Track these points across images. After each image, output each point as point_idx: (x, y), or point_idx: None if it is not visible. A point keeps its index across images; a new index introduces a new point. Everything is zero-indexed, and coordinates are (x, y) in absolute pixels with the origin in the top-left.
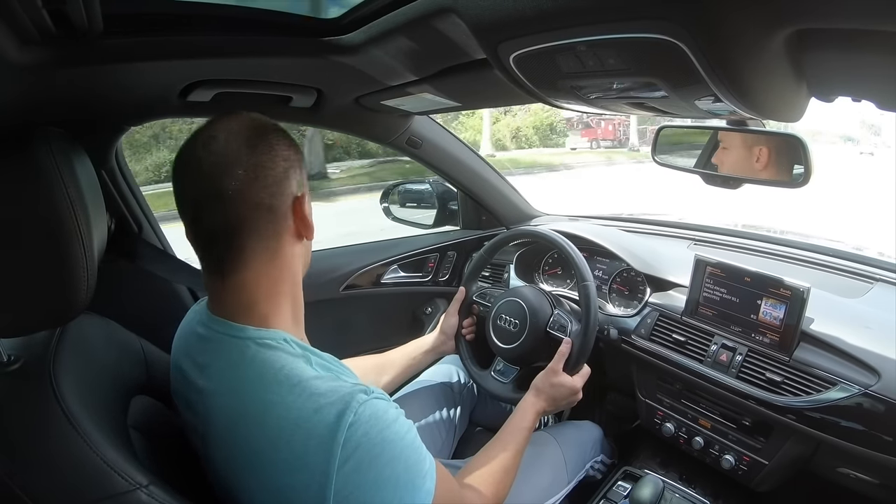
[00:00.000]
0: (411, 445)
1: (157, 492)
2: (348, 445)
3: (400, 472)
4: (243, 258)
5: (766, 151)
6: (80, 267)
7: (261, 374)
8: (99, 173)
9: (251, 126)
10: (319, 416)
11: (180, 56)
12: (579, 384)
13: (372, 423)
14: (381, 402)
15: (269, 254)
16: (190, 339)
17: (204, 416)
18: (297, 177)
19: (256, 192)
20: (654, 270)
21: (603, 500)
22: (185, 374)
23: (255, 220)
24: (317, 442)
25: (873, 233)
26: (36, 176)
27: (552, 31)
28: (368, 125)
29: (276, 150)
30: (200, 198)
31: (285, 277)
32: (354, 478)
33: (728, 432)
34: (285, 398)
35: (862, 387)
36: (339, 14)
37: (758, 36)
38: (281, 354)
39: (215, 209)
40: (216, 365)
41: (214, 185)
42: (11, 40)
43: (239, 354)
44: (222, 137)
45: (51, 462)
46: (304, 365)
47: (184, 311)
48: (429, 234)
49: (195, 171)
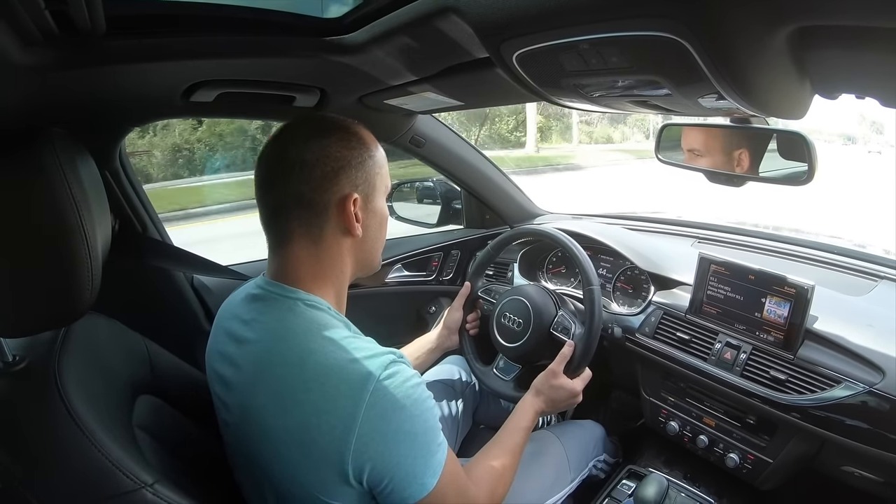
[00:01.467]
0: (431, 411)
1: (162, 490)
2: (377, 394)
3: (419, 430)
4: (288, 237)
5: (746, 154)
6: (84, 267)
7: (306, 327)
8: (102, 174)
9: (313, 126)
10: (354, 367)
11: (183, 57)
12: (579, 387)
13: (400, 379)
14: (410, 369)
15: (311, 240)
16: (238, 301)
17: (245, 364)
18: (352, 177)
19: (296, 186)
20: (658, 269)
21: (607, 498)
22: (229, 330)
23: (295, 209)
24: (348, 387)
25: (882, 231)
26: (39, 177)
27: (555, 29)
28: (371, 124)
29: (329, 150)
30: (261, 181)
31: (330, 266)
32: (378, 424)
33: (732, 430)
34: (325, 347)
35: (866, 385)
36: (341, 13)
37: (761, 33)
38: (326, 315)
39: (268, 193)
40: (264, 319)
41: (269, 173)
42: (14, 41)
43: (288, 310)
44: (288, 134)
45: (56, 461)
46: (343, 327)
47: (189, 311)
48: (432, 234)
49: (262, 158)
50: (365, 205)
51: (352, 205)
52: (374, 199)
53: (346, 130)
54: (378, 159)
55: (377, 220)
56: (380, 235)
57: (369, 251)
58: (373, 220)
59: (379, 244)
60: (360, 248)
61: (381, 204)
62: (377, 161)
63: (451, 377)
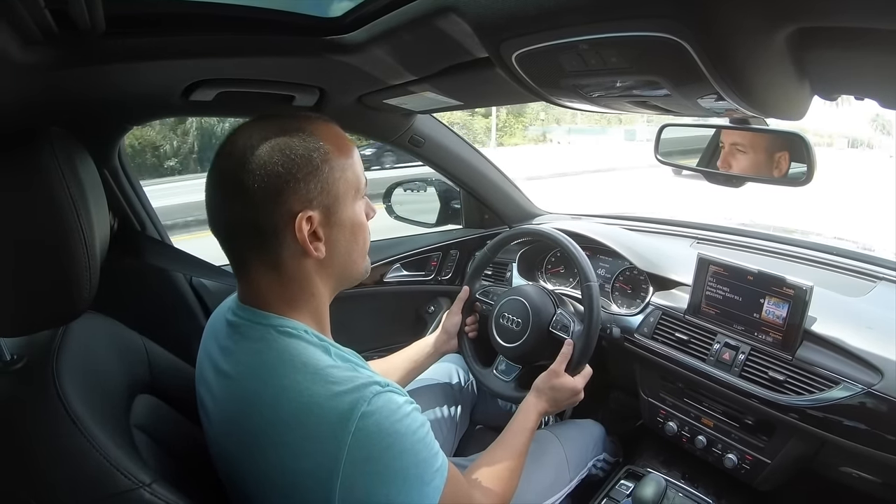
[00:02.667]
0: (423, 441)
1: (160, 490)
2: (360, 434)
3: (409, 465)
4: (246, 265)
5: (786, 158)
6: (82, 266)
7: (279, 359)
8: (101, 172)
9: (256, 134)
10: (333, 403)
11: (182, 56)
12: (581, 385)
13: (385, 413)
14: (397, 395)
15: (269, 266)
16: (219, 325)
17: (222, 400)
18: (300, 192)
19: (239, 211)
20: (657, 269)
21: (606, 498)
22: (212, 358)
23: (244, 237)
24: (328, 428)
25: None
26: (38, 175)
27: (554, 29)
28: (371, 124)
29: (269, 166)
30: (207, 205)
31: (297, 290)
32: (363, 466)
33: (731, 431)
34: (301, 383)
35: (865, 386)
36: (341, 13)
37: (760, 34)
38: (300, 343)
39: (214, 219)
40: (238, 350)
41: (213, 197)
42: (14, 40)
43: (260, 339)
44: (228, 147)
45: (54, 461)
46: (321, 354)
47: (187, 310)
48: (431, 233)
49: (208, 177)
50: (327, 219)
51: (304, 225)
52: (339, 209)
53: (292, 135)
54: (340, 162)
55: (347, 232)
56: (354, 247)
57: (343, 266)
58: (340, 234)
59: (355, 255)
60: (329, 267)
61: (350, 212)
62: (339, 164)
63: (449, 377)
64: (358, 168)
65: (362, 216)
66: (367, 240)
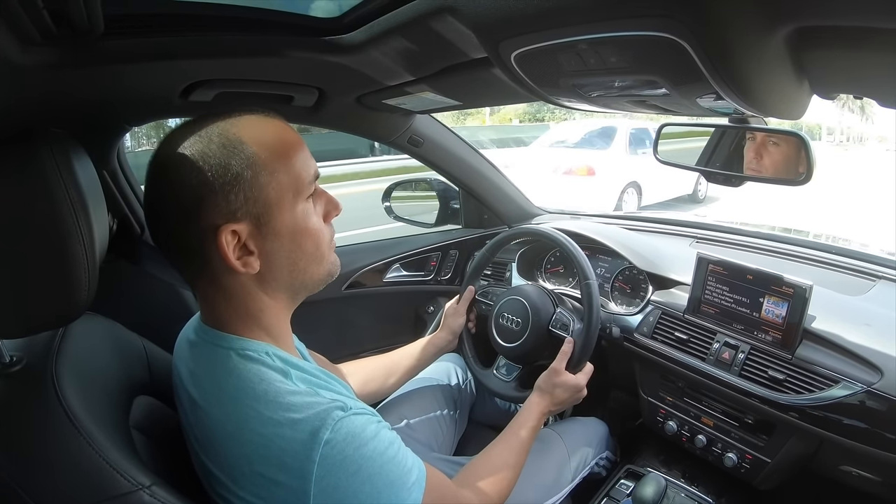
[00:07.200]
0: (393, 460)
1: (159, 492)
2: (325, 463)
3: (381, 487)
4: (191, 283)
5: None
6: (81, 267)
7: (239, 387)
8: (100, 174)
9: (175, 142)
10: (293, 433)
11: (181, 56)
12: (583, 382)
13: (349, 440)
14: (360, 418)
15: (210, 283)
16: (184, 344)
17: (194, 425)
18: (219, 205)
19: (165, 226)
20: (656, 268)
21: (605, 498)
22: (181, 379)
23: (177, 253)
24: (292, 459)
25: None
26: (36, 177)
27: (553, 29)
28: (370, 124)
29: (185, 177)
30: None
31: (243, 308)
32: (332, 494)
33: (731, 430)
34: (261, 413)
35: (865, 384)
36: (339, 13)
37: (759, 33)
38: (260, 368)
39: (152, 229)
40: (202, 374)
41: (146, 210)
42: (12, 41)
43: (221, 365)
44: (154, 160)
45: (53, 463)
46: (282, 379)
47: (186, 310)
48: (430, 233)
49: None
50: (258, 230)
51: (229, 239)
52: (273, 217)
53: (210, 142)
54: (270, 165)
55: (286, 240)
56: (299, 255)
57: (289, 277)
58: (278, 244)
59: (303, 263)
60: (272, 280)
61: (288, 218)
62: (267, 168)
63: (448, 377)
64: (297, 168)
65: (309, 219)
66: (321, 243)
